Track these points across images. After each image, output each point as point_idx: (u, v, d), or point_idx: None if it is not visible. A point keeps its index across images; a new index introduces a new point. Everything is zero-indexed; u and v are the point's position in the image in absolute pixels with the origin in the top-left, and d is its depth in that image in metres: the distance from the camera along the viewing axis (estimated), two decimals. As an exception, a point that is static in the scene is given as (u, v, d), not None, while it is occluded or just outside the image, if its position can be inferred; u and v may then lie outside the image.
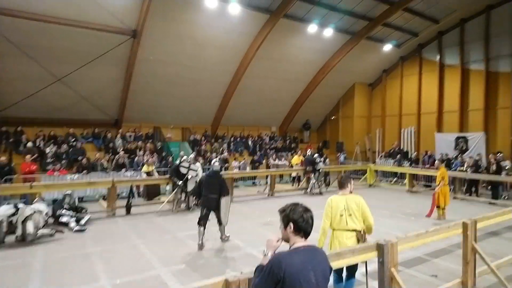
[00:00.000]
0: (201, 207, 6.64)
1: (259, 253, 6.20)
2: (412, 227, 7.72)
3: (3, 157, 10.63)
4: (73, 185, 9.32)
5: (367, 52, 18.13)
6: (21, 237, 6.67)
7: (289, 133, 20.48)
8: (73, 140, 13.59)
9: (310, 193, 12.35)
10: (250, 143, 18.31)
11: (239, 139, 18.29)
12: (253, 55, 15.28)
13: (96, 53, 12.58)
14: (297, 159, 15.18)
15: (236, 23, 13.95)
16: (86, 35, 12.10)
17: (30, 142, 12.51)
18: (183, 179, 9.65)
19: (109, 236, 7.29)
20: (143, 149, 14.20)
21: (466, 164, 13.06)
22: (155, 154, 13.45)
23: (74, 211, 8.26)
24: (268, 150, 17.95)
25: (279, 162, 16.11)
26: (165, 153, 14.65)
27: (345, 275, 4.34)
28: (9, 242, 6.69)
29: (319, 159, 13.05)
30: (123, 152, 13.12)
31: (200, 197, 6.65)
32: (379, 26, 16.21)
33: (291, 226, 2.22)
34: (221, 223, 6.68)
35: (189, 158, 10.07)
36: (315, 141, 21.90)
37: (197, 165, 10.19)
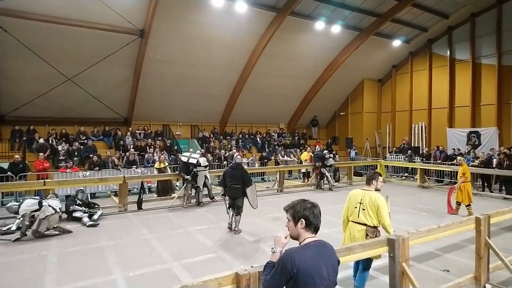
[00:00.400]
0: (228, 196, 7.29)
1: (268, 247, 6.22)
2: (423, 223, 7.63)
3: (17, 155, 10.85)
4: (85, 181, 9.47)
5: (376, 48, 17.93)
6: (34, 232, 6.82)
7: (298, 130, 20.44)
8: (84, 138, 13.79)
9: (324, 188, 12.37)
10: (258, 139, 18.32)
11: (247, 136, 18.32)
12: (260, 53, 15.26)
13: (105, 53, 12.73)
14: (306, 155, 15.15)
15: (243, 21, 13.94)
16: (95, 36, 12.25)
17: (42, 138, 12.73)
18: (196, 171, 9.69)
19: (121, 230, 7.39)
20: (153, 147, 14.32)
21: (479, 159, 12.85)
22: (164, 151, 13.53)
23: (86, 207, 8.40)
24: (276, 146, 17.94)
25: (288, 158, 16.08)
26: (174, 150, 14.76)
27: (359, 268, 4.39)
28: (28, 236, 6.85)
29: (328, 155, 12.99)
30: (133, 149, 13.25)
31: (225, 187, 7.29)
32: (387, 22, 16.00)
33: (303, 222, 2.21)
34: (239, 212, 7.18)
35: (196, 153, 10.12)
36: (324, 137, 21.80)
37: (204, 159, 10.21)
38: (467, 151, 14.90)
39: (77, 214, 8.10)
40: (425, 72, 18.40)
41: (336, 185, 12.72)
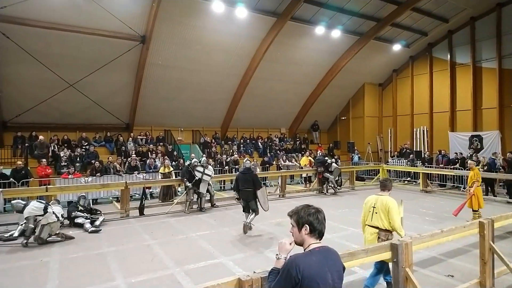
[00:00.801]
0: (241, 199, 7.79)
1: (272, 253, 6.20)
2: (427, 227, 7.60)
3: (19, 161, 10.88)
4: (87, 187, 9.48)
5: (376, 52, 18.01)
6: (36, 238, 6.81)
7: (299, 134, 20.45)
8: (86, 144, 13.83)
9: (326, 193, 12.39)
10: (260, 144, 18.33)
11: (248, 140, 18.34)
12: (261, 58, 15.33)
13: (106, 59, 12.81)
14: (305, 159, 15.13)
15: (243, 26, 14.03)
16: (96, 42, 12.34)
17: (41, 137, 12.69)
18: (194, 181, 9.73)
19: (123, 236, 7.38)
20: (154, 152, 14.34)
21: (481, 163, 12.81)
22: (166, 156, 13.55)
23: (88, 213, 8.40)
24: (278, 151, 17.95)
25: (289, 163, 16.07)
26: (176, 155, 14.79)
27: (372, 270, 4.49)
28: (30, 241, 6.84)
29: (330, 160, 12.95)
30: (135, 155, 13.28)
31: (238, 191, 7.79)
32: (387, 26, 16.09)
33: (307, 227, 2.20)
34: (254, 212, 7.63)
35: (203, 161, 10.14)
36: (326, 141, 21.79)
37: (210, 168, 10.27)
38: (469, 155, 14.86)
39: (79, 220, 8.10)
40: (425, 76, 18.44)
41: (338, 189, 12.69)
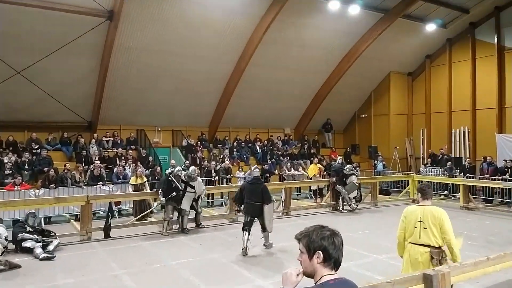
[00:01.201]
0: (244, 214, 8.18)
1: (273, 287, 6.19)
2: (468, 254, 7.61)
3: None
4: (38, 202, 9.43)
5: (405, 33, 18.13)
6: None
7: (308, 136, 20.52)
8: (36, 147, 13.78)
9: (342, 210, 12.47)
10: (258, 148, 18.36)
11: (244, 143, 18.37)
12: (260, 40, 15.38)
13: (64, 40, 12.78)
14: (313, 168, 15.15)
15: (237, 1, 14.08)
16: (51, 18, 12.31)
17: None
18: (174, 195, 9.75)
19: (83, 265, 7.35)
20: (124, 158, 14.31)
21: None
22: (139, 163, 13.54)
23: (39, 235, 8.34)
24: (281, 157, 17.96)
25: (296, 172, 16.09)
26: (151, 161, 14.78)
27: None
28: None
29: (350, 169, 12.80)
30: (99, 161, 13.24)
31: (242, 204, 8.21)
32: (419, 1, 16.20)
33: (320, 254, 2.17)
34: (265, 229, 8.03)
35: (191, 171, 10.14)
36: (341, 145, 21.86)
37: (199, 180, 10.27)
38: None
39: (27, 244, 8.05)
40: (467, 63, 18.57)
41: (355, 207, 12.71)
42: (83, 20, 12.67)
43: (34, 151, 13.55)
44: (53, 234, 8.61)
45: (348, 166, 13.24)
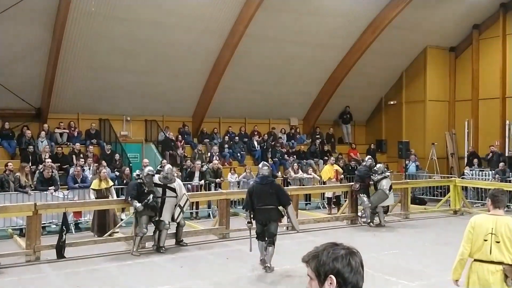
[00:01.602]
0: (256, 222, 8.43)
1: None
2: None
3: None
4: (-29, 213, 9.34)
5: (446, -4, 18.07)
6: None
7: (320, 129, 20.50)
8: (-30, 141, 13.74)
9: (371, 224, 12.54)
10: (256, 144, 18.32)
11: (237, 138, 18.33)
12: (259, 5, 15.32)
13: (3, 4, 12.65)
14: (328, 170, 15.12)
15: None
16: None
17: None
18: (151, 200, 9.70)
19: (29, 294, 7.30)
20: (83, 156, 14.25)
21: None
22: (103, 163, 13.49)
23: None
24: (285, 156, 17.91)
25: (305, 175, 16.05)
26: (118, 160, 14.71)
27: None
28: None
29: (381, 170, 12.77)
30: (50, 160, 13.16)
31: (252, 211, 8.44)
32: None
33: (333, 280, 2.15)
34: (272, 242, 8.24)
35: (167, 170, 10.10)
36: (363, 141, 21.81)
37: (178, 183, 10.23)
38: None
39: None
40: (526, 35, 18.56)
41: (372, 224, 12.65)
42: (30, -23, 12.57)
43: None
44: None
45: (378, 165, 13.12)
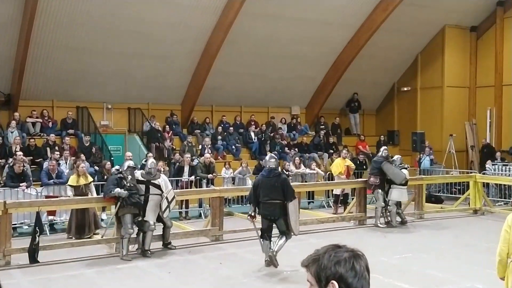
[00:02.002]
0: (261, 217, 9.02)
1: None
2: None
3: None
4: None
5: (467, -31, 18.08)
6: None
7: (325, 119, 20.53)
8: None
9: (392, 223, 12.72)
10: (253, 135, 18.35)
11: (232, 128, 18.36)
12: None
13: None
14: (339, 164, 15.14)
15: None
16: None
17: None
18: (135, 192, 9.75)
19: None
20: (58, 148, 14.23)
21: None
22: (82, 156, 13.50)
23: None
24: (286, 148, 17.94)
25: (308, 170, 16.09)
26: (97, 153, 14.71)
27: None
28: None
29: (400, 161, 13.12)
30: (21, 153, 13.15)
31: (257, 204, 9.00)
32: None
33: (335, 285, 2.19)
34: (285, 235, 8.82)
35: (149, 165, 10.14)
36: (373, 132, 21.86)
37: (163, 177, 10.25)
38: None
39: None
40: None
41: (381, 224, 12.79)
42: None
43: None
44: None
45: (396, 156, 13.28)
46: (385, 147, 14.09)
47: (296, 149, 17.99)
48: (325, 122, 20.38)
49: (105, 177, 12.81)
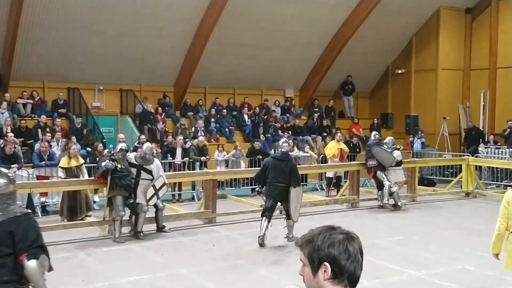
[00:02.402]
0: (266, 196, 9.45)
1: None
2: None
3: None
4: None
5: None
6: None
7: (318, 101, 20.53)
8: None
9: (385, 205, 12.84)
10: (246, 118, 18.36)
11: (225, 111, 18.36)
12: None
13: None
14: (333, 147, 15.17)
15: None
16: None
17: None
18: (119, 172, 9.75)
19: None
20: (49, 130, 14.20)
21: None
22: (73, 138, 13.46)
23: None
24: (279, 131, 17.96)
25: (301, 153, 16.11)
26: (90, 135, 14.67)
27: None
28: None
29: (392, 142, 13.26)
30: (12, 134, 13.12)
31: (263, 184, 9.47)
32: None
33: (327, 268, 2.19)
34: (290, 217, 9.19)
35: (145, 150, 10.11)
36: (366, 114, 21.88)
37: (157, 163, 10.25)
38: None
39: None
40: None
41: (390, 206, 12.89)
42: None
43: None
44: None
45: (388, 138, 13.42)
46: (376, 132, 14.22)
47: (289, 132, 17.99)
48: (319, 104, 20.39)
49: (97, 159, 12.80)
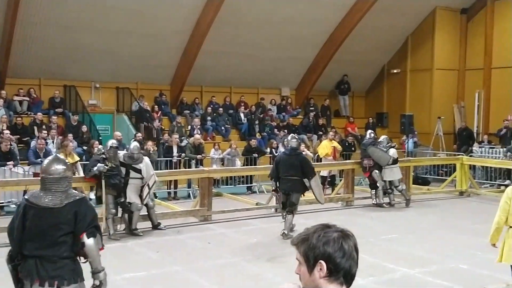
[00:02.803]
0: (280, 192, 9.85)
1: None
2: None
3: None
4: None
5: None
6: None
7: (314, 100, 20.55)
8: None
9: (378, 204, 12.95)
10: (242, 116, 18.36)
11: (222, 109, 18.34)
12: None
13: None
14: (326, 146, 15.18)
15: None
16: None
17: None
18: (115, 173, 9.68)
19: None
20: (46, 127, 14.17)
21: None
22: (70, 136, 13.45)
23: None
24: (276, 130, 17.97)
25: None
26: (86, 133, 14.66)
27: None
28: None
29: (387, 140, 13.27)
30: (8, 132, 13.10)
31: (277, 180, 9.85)
32: None
33: (323, 266, 2.20)
34: (291, 212, 9.59)
35: (132, 149, 10.07)
36: (362, 114, 21.87)
37: (146, 162, 10.21)
38: None
39: None
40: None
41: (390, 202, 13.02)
42: None
43: None
44: None
45: (382, 137, 13.45)
46: (371, 131, 14.27)
47: (285, 131, 17.98)
48: (315, 103, 20.40)
49: (93, 157, 12.81)
